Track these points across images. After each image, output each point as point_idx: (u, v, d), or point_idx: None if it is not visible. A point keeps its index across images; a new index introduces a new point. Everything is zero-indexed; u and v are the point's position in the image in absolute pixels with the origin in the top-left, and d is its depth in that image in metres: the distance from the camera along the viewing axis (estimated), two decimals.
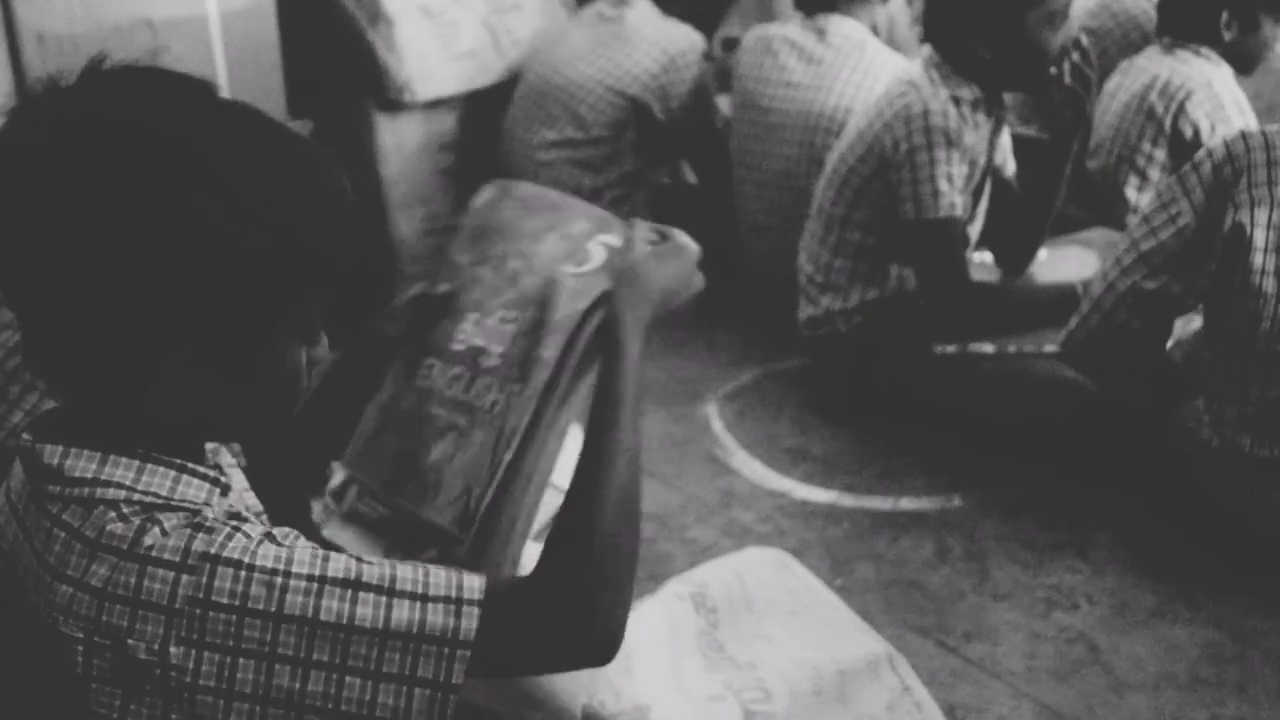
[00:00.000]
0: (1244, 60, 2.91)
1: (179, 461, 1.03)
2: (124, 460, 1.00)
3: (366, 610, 0.98)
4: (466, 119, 3.67)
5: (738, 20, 4.35)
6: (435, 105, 3.56)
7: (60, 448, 1.00)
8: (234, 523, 0.99)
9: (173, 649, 0.95)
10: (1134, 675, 2.02)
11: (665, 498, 2.57)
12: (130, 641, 0.95)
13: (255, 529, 1.00)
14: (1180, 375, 2.37)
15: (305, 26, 3.44)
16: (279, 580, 0.96)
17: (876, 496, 2.56)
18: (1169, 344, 2.50)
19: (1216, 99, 2.83)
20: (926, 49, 2.73)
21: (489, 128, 3.65)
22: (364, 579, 0.99)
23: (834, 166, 2.83)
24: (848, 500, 2.56)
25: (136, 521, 0.97)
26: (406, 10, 3.47)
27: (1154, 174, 2.95)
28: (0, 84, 2.92)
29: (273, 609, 0.96)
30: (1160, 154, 2.92)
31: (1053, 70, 2.58)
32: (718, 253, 3.40)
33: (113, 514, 0.98)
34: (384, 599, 0.98)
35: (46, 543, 0.99)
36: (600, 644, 1.08)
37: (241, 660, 0.96)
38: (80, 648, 0.96)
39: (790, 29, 3.36)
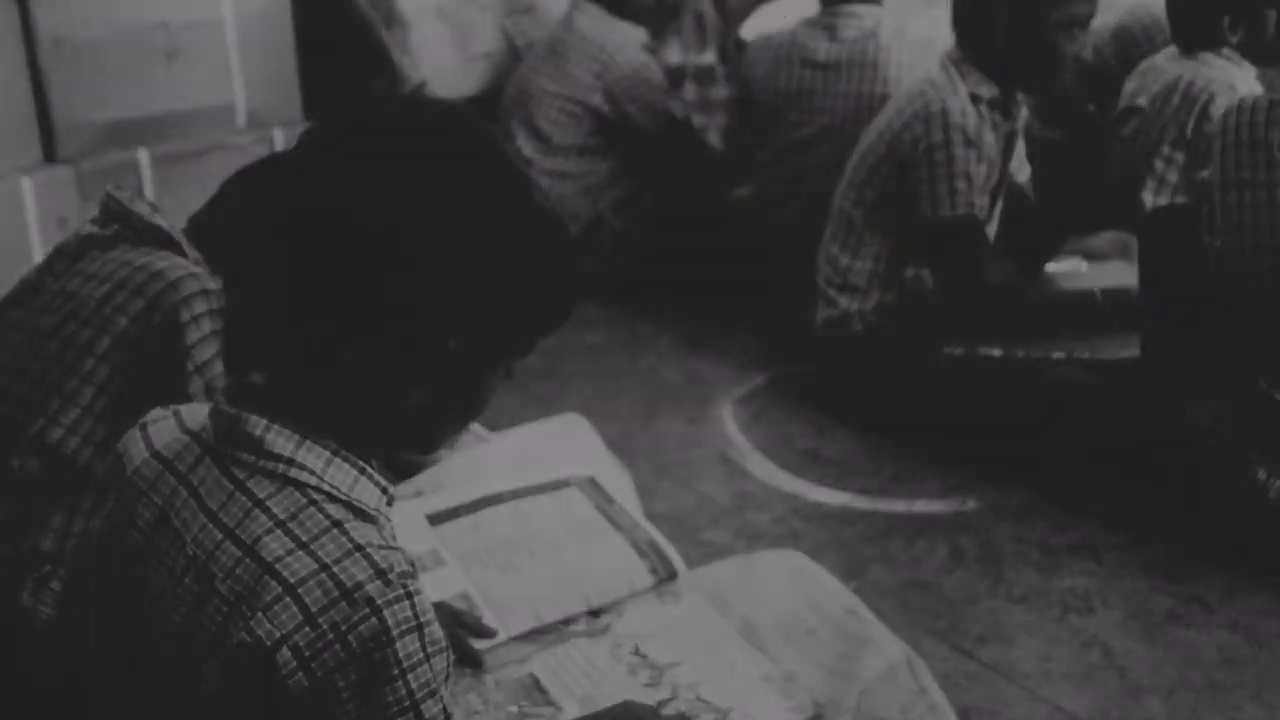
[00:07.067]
0: (1267, 56, 2.88)
1: (360, 464, 1.08)
2: (317, 449, 1.05)
3: None
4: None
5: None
6: None
7: (265, 421, 1.05)
8: (410, 587, 1.01)
9: (285, 650, 0.98)
10: (1149, 679, 2.01)
11: (679, 500, 2.57)
12: (261, 615, 0.99)
13: (426, 605, 1.03)
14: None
15: (320, 29, 3.45)
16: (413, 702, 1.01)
17: (890, 499, 2.56)
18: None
19: None
20: (947, 46, 2.73)
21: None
22: None
23: (854, 167, 2.83)
24: (862, 503, 2.55)
25: (327, 522, 1.02)
26: (422, 12, 3.49)
27: (1172, 177, 2.91)
28: (18, 88, 2.94)
29: (368, 697, 0.99)
30: (1180, 156, 2.89)
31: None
32: (735, 250, 3.48)
33: (305, 500, 1.03)
34: None
35: (225, 504, 1.04)
36: None
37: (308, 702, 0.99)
38: (226, 609, 1.00)
39: (799, 31, 3.33)
